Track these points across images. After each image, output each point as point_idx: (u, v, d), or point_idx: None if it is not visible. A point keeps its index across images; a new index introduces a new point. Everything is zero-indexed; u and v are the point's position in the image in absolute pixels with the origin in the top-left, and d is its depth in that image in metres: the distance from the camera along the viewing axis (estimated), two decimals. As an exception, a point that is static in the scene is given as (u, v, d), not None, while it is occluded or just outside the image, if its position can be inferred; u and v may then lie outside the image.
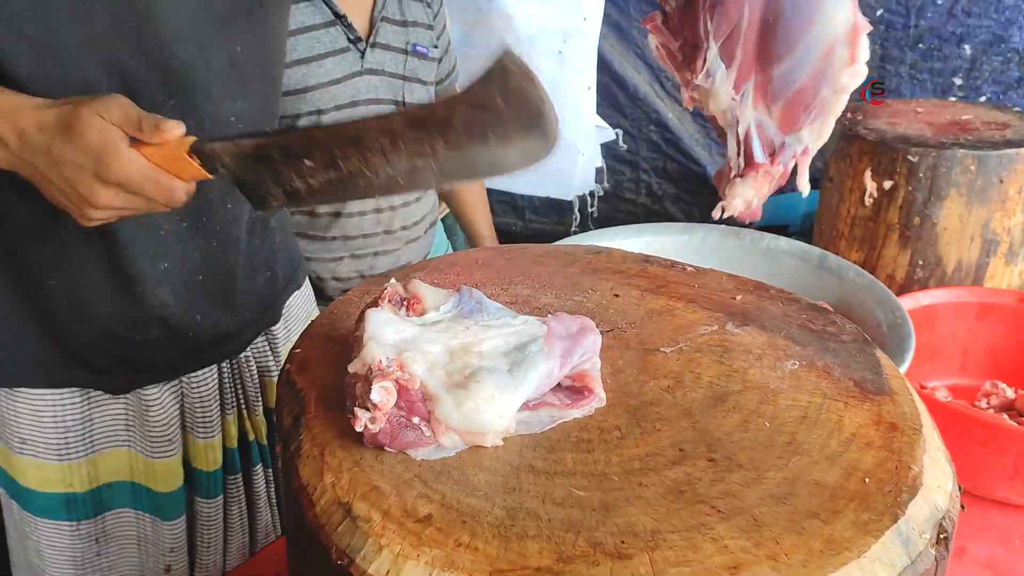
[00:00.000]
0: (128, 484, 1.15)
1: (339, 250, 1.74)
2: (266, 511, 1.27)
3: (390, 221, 1.75)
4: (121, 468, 1.14)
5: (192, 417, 1.16)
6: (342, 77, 1.63)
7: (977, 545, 1.21)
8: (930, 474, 0.64)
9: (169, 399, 1.13)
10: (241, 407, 1.22)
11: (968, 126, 1.71)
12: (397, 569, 0.56)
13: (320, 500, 0.62)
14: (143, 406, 1.12)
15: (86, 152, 0.79)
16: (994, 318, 1.52)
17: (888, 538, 0.57)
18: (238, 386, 1.20)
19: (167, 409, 1.12)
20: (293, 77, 1.58)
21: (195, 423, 1.16)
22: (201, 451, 1.17)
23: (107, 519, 1.15)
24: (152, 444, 1.13)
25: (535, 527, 0.58)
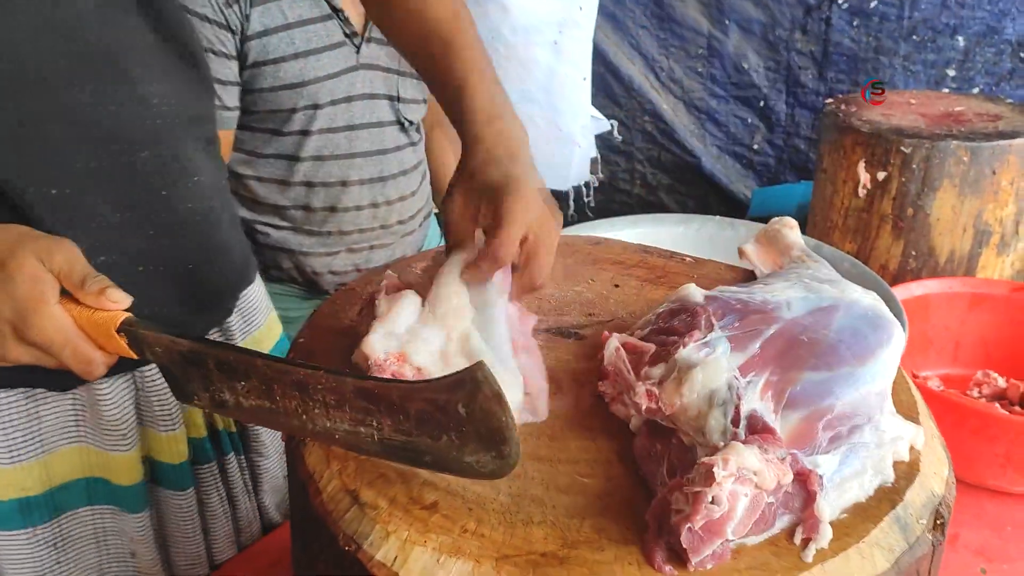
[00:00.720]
0: (82, 482, 1.10)
1: (335, 244, 1.74)
2: (244, 499, 1.25)
3: (386, 216, 1.75)
4: (74, 467, 1.09)
5: (150, 411, 1.11)
6: (338, 72, 1.63)
7: (970, 532, 1.23)
8: (927, 461, 0.65)
9: (122, 393, 1.07)
10: None
11: (961, 117, 1.73)
12: (405, 555, 0.57)
13: (327, 487, 0.63)
14: (93, 400, 1.06)
15: (11, 302, 0.72)
16: (986, 308, 1.54)
17: (887, 523, 0.59)
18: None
19: (120, 404, 1.07)
20: (291, 71, 1.58)
21: (154, 417, 1.12)
22: (164, 444, 1.13)
23: (63, 522, 1.09)
24: (107, 438, 1.09)
25: (540, 513, 0.59)
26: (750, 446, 0.56)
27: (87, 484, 1.11)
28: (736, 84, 2.61)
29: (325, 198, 1.69)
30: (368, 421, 0.60)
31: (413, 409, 0.58)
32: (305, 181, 1.67)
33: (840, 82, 2.44)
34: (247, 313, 1.25)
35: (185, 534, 1.20)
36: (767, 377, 0.64)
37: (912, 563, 0.58)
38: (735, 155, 2.70)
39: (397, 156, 1.74)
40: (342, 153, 1.67)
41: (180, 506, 1.18)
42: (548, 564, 0.55)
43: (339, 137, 1.66)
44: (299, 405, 0.63)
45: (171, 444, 1.14)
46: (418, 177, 1.82)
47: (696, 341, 0.65)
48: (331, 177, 1.68)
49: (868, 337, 0.68)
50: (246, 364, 0.66)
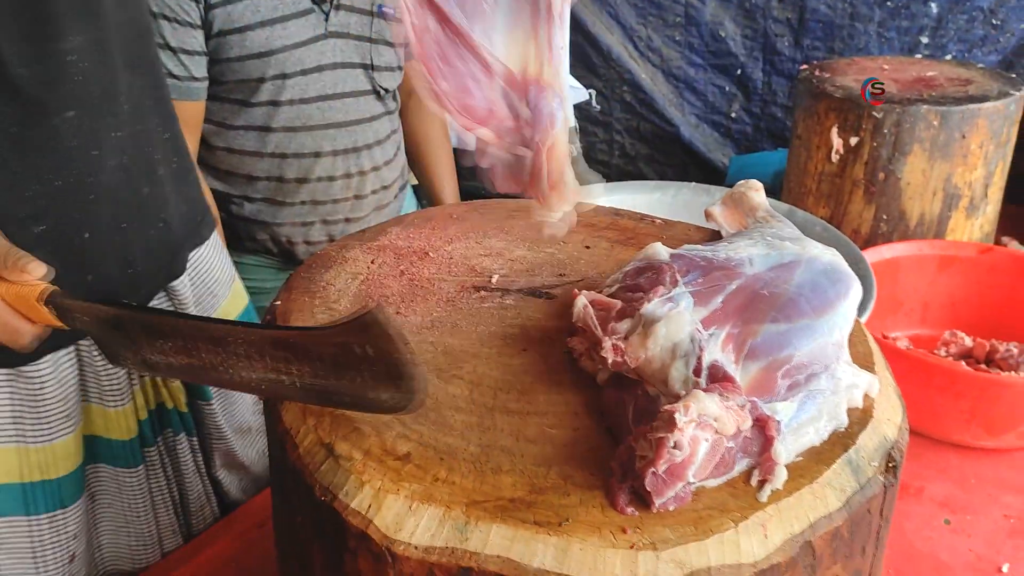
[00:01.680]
0: (18, 487, 1.05)
1: (309, 215, 1.74)
2: (196, 482, 1.22)
3: (360, 186, 1.75)
4: (10, 469, 1.04)
5: (97, 385, 1.08)
6: (306, 40, 1.61)
7: (935, 485, 1.27)
8: (880, 408, 0.67)
9: (66, 369, 1.05)
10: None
11: (932, 82, 1.75)
12: (378, 503, 0.59)
13: (303, 442, 0.65)
14: (34, 385, 1.03)
15: None
16: (954, 270, 1.57)
17: (839, 466, 0.61)
18: None
19: (64, 382, 1.04)
20: (256, 40, 1.57)
21: (102, 392, 1.09)
22: (113, 420, 1.10)
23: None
24: (50, 425, 1.05)
25: (509, 462, 0.61)
26: (711, 394, 0.59)
27: (23, 491, 1.06)
28: (713, 52, 2.62)
29: (298, 169, 1.69)
30: (287, 369, 0.64)
31: (326, 354, 0.62)
32: (278, 152, 1.67)
33: (816, 49, 2.46)
34: (202, 278, 1.21)
35: (136, 513, 1.16)
36: (728, 330, 0.66)
37: (863, 503, 0.61)
38: (713, 124, 2.72)
39: (372, 126, 1.73)
40: (315, 124, 1.66)
41: (130, 484, 1.15)
42: (516, 509, 0.57)
43: (311, 108, 1.65)
44: (222, 360, 0.66)
45: (119, 420, 1.11)
46: (393, 147, 1.82)
47: (660, 296, 0.68)
48: (304, 148, 1.68)
49: (827, 291, 0.70)
50: (167, 325, 0.70)
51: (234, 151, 1.68)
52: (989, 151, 1.65)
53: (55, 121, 0.96)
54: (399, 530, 0.57)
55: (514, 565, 0.55)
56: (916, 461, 1.30)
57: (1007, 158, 1.72)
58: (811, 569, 0.59)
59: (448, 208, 1.00)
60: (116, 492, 1.16)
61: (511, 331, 0.76)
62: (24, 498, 1.06)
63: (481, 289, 0.82)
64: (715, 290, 0.69)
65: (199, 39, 1.56)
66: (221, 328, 0.67)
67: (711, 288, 0.70)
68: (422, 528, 0.57)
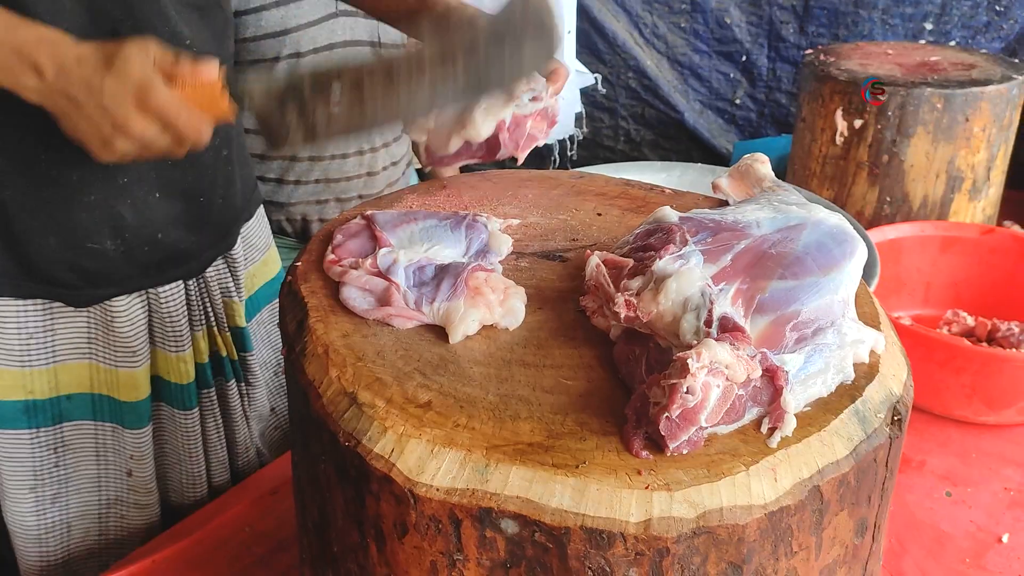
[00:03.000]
0: (88, 396, 1.18)
1: (323, 193, 1.76)
2: (243, 425, 1.31)
3: (372, 162, 1.77)
4: (82, 380, 1.17)
5: (162, 331, 1.18)
6: (319, 19, 1.63)
7: (936, 459, 1.29)
8: (886, 364, 0.69)
9: (137, 311, 1.15)
10: (211, 324, 1.25)
11: (936, 67, 1.77)
12: (401, 447, 0.61)
13: (327, 392, 0.67)
14: (108, 316, 1.14)
15: (129, 82, 0.82)
16: (957, 251, 1.59)
17: (846, 415, 0.63)
18: (206, 303, 1.23)
19: (134, 321, 1.15)
20: (272, 19, 1.59)
21: (165, 337, 1.19)
22: (173, 364, 1.20)
23: (65, 429, 1.17)
24: (117, 354, 1.16)
25: (527, 410, 0.63)
26: (722, 343, 0.61)
27: (92, 400, 1.18)
28: (718, 39, 2.64)
29: (311, 147, 1.71)
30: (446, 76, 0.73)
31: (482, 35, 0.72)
32: None
33: (820, 36, 2.47)
34: (249, 245, 1.30)
35: (189, 452, 1.25)
36: (737, 286, 0.68)
37: (870, 452, 0.63)
38: (717, 110, 2.73)
39: None
40: None
41: (185, 425, 1.24)
42: (534, 452, 0.59)
43: None
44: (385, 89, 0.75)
45: (179, 364, 1.20)
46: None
47: (671, 254, 0.70)
48: None
49: (833, 251, 0.72)
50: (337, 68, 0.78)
51: (248, 130, 1.70)
52: (992, 134, 1.67)
53: None
54: (421, 472, 0.59)
55: (533, 505, 0.57)
56: (918, 435, 1.32)
57: (1010, 142, 1.74)
58: (819, 513, 0.61)
59: (462, 178, 1.02)
60: (173, 431, 1.25)
61: (526, 291, 0.78)
62: (93, 406, 1.18)
63: (496, 253, 0.84)
64: (724, 249, 0.71)
65: None
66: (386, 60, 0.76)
67: (720, 247, 0.72)
68: (443, 471, 0.59)
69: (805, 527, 0.60)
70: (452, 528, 0.59)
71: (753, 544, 0.58)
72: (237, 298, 1.27)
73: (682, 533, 0.56)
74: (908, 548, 1.12)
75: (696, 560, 0.58)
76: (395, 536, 0.62)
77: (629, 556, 0.57)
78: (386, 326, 0.73)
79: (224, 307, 1.26)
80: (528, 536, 0.57)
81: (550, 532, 0.57)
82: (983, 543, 1.14)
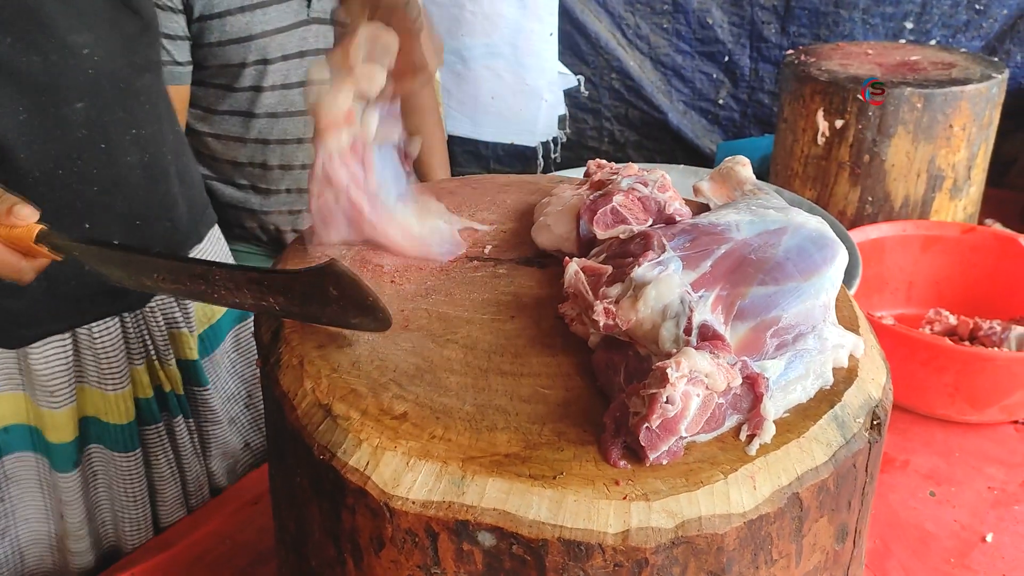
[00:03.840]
0: (25, 428, 1.13)
1: (296, 203, 1.74)
2: (195, 463, 1.26)
3: None
4: (18, 411, 1.12)
5: (96, 369, 1.13)
6: (287, 26, 1.61)
7: (920, 459, 1.29)
8: (865, 368, 0.69)
9: (53, 352, 1.10)
10: (152, 358, 1.19)
11: (916, 66, 1.77)
12: (376, 460, 0.60)
13: (301, 404, 0.66)
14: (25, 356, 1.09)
15: None
16: (938, 250, 1.59)
17: (825, 421, 0.63)
18: (145, 337, 1.18)
19: (50, 362, 1.10)
20: (236, 25, 1.57)
21: (101, 376, 1.13)
22: (111, 404, 1.15)
23: (6, 462, 1.13)
24: (38, 393, 1.11)
25: (504, 420, 0.62)
26: (701, 351, 0.60)
27: (30, 431, 1.12)
28: (701, 40, 2.64)
29: (281, 155, 1.69)
30: (266, 299, 0.71)
31: (298, 291, 0.69)
32: (260, 138, 1.67)
33: (802, 36, 2.48)
34: None
35: (131, 497, 1.20)
36: (717, 292, 0.68)
37: (849, 457, 0.62)
38: (701, 110, 2.73)
39: None
40: (298, 110, 1.66)
41: (126, 468, 1.18)
42: (511, 463, 0.58)
43: (294, 94, 1.65)
44: (207, 287, 0.73)
45: (117, 403, 1.15)
46: None
47: (650, 260, 0.69)
48: (287, 134, 1.67)
49: (813, 255, 0.72)
50: (151, 263, 0.76)
51: (219, 136, 1.69)
52: (972, 133, 1.68)
53: (64, 111, 0.99)
54: (396, 485, 0.59)
55: (510, 517, 0.56)
56: (901, 435, 1.33)
57: (990, 140, 1.74)
58: (798, 520, 0.60)
59: (441, 182, 1.01)
60: (114, 474, 1.19)
61: (504, 298, 0.77)
62: (31, 438, 1.13)
63: (474, 259, 0.84)
64: (703, 254, 0.71)
65: (181, 23, 1.56)
66: (201, 268, 0.73)
67: (699, 252, 0.71)
68: (419, 483, 0.58)
69: (785, 534, 0.60)
70: (429, 542, 0.58)
71: (732, 553, 0.58)
72: (187, 329, 1.21)
73: (661, 543, 0.56)
74: (892, 548, 1.12)
75: (675, 570, 0.57)
76: (372, 550, 0.61)
77: (608, 567, 0.56)
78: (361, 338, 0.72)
79: (171, 339, 1.20)
80: (506, 549, 0.57)
81: (528, 544, 0.56)
82: (967, 542, 1.14)
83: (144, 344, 1.18)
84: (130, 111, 1.07)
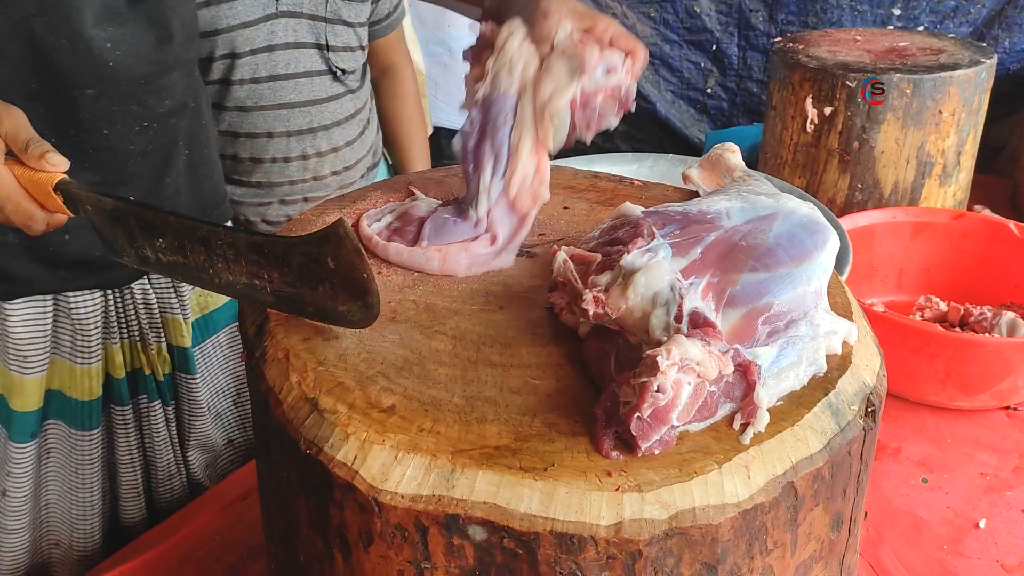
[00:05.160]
0: None
1: (266, 195, 1.71)
2: (167, 452, 1.24)
3: (318, 167, 1.71)
4: None
5: (71, 341, 1.13)
6: (255, 20, 1.57)
7: (912, 445, 1.29)
8: (859, 355, 0.68)
9: (32, 316, 1.10)
10: (134, 339, 1.19)
11: (905, 52, 1.76)
12: (364, 454, 0.59)
13: (287, 398, 0.65)
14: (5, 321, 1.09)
15: None
16: (928, 236, 1.59)
17: (819, 409, 0.62)
18: (131, 316, 1.18)
19: (28, 325, 1.10)
20: (203, 19, 1.52)
21: (74, 348, 1.13)
22: (77, 378, 1.14)
23: None
24: (14, 358, 1.11)
25: (493, 412, 0.61)
26: (692, 339, 0.59)
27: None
28: (688, 28, 2.63)
29: (251, 149, 1.66)
30: (260, 274, 0.70)
31: (295, 262, 0.67)
32: (230, 131, 1.64)
33: (790, 24, 2.47)
34: None
35: (81, 478, 1.18)
36: (708, 279, 0.67)
37: (844, 445, 0.61)
38: (689, 100, 2.72)
39: (330, 107, 1.69)
40: (267, 104, 1.63)
41: (81, 448, 1.17)
42: (501, 456, 0.57)
43: (263, 88, 1.61)
44: (205, 260, 0.72)
45: (84, 379, 1.14)
46: (357, 126, 1.78)
47: (639, 248, 0.68)
48: (256, 128, 1.64)
49: (804, 241, 0.71)
50: (161, 220, 0.75)
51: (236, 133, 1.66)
52: (961, 119, 1.67)
53: (73, 93, 1.02)
54: (385, 480, 0.57)
55: (501, 510, 0.55)
56: (893, 422, 1.32)
57: (979, 126, 1.74)
58: (793, 510, 0.60)
59: (428, 173, 1.00)
60: (68, 452, 1.18)
61: (493, 288, 0.76)
62: None
63: (462, 249, 0.82)
64: (693, 241, 0.70)
65: None
66: (207, 229, 0.72)
67: (689, 240, 0.70)
68: (408, 477, 0.57)
69: (780, 524, 0.59)
70: (419, 536, 0.57)
71: (727, 543, 0.57)
72: (181, 315, 1.20)
73: (654, 535, 0.55)
74: (885, 536, 1.12)
75: (670, 562, 0.56)
76: (360, 545, 0.60)
77: (601, 560, 0.55)
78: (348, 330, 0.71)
79: (164, 324, 1.20)
80: (497, 542, 0.56)
81: (519, 538, 0.55)
82: (960, 529, 1.14)
83: (127, 324, 1.18)
84: (143, 104, 1.09)
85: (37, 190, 0.82)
